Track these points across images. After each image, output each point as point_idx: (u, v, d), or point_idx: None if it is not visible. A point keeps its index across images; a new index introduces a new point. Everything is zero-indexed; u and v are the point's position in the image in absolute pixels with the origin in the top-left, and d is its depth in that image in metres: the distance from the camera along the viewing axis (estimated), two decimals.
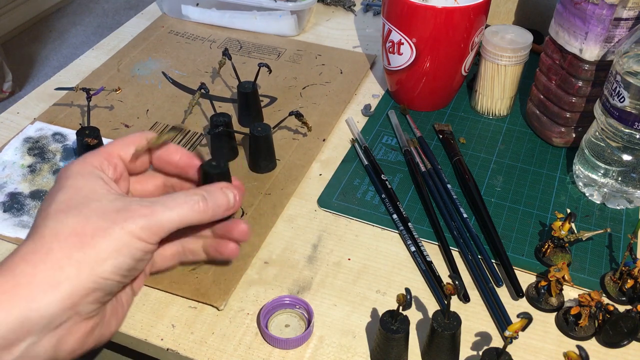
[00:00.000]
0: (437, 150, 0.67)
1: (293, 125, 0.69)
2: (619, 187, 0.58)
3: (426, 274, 0.53)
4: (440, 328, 0.44)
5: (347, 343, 0.48)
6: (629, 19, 0.55)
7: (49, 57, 2.36)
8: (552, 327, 0.50)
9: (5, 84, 2.11)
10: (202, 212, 0.42)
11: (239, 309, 0.50)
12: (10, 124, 0.70)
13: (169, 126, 0.43)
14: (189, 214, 0.41)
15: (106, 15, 2.64)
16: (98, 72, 0.79)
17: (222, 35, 0.86)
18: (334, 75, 0.78)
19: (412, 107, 0.72)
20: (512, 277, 0.52)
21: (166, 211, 0.40)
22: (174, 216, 0.40)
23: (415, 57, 0.66)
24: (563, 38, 0.61)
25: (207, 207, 0.42)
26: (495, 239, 0.55)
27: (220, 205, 0.43)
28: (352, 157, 0.66)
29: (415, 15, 0.63)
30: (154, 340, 0.48)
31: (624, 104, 0.53)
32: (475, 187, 0.60)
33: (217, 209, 0.43)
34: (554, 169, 0.64)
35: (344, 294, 0.52)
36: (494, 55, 0.66)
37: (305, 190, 0.62)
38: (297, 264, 0.54)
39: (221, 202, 0.43)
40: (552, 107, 0.65)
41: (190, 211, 0.41)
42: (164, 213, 0.40)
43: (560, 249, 0.54)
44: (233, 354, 0.47)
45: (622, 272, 0.51)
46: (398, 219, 0.57)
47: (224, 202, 0.43)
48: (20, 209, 0.59)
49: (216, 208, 0.42)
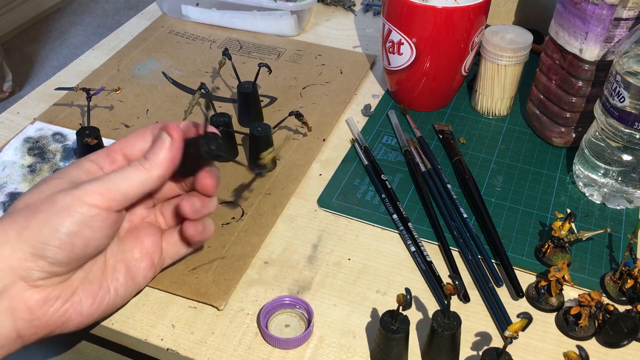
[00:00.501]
0: (437, 150, 0.67)
1: (293, 125, 0.69)
2: (619, 187, 0.58)
3: (426, 274, 0.53)
4: (440, 328, 0.44)
5: (347, 343, 0.48)
6: (629, 19, 0.55)
7: (49, 57, 2.36)
8: (552, 327, 0.50)
9: (5, 84, 2.11)
10: (148, 170, 0.43)
11: (239, 309, 0.50)
12: (10, 124, 0.70)
13: None
14: (136, 174, 0.42)
15: (106, 15, 2.64)
16: (98, 72, 0.79)
17: (222, 35, 0.86)
18: (334, 75, 0.78)
19: (412, 107, 0.72)
20: (512, 277, 0.52)
21: (116, 177, 0.42)
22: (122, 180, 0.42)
23: (415, 57, 0.66)
24: (563, 38, 0.61)
25: (149, 164, 0.43)
26: (495, 239, 0.55)
27: (158, 152, 0.43)
28: (352, 157, 0.66)
29: (415, 15, 0.63)
30: (154, 340, 0.48)
31: (624, 104, 0.53)
32: (475, 187, 0.60)
33: (157, 157, 0.43)
34: (554, 169, 0.64)
35: (344, 294, 0.52)
36: (494, 55, 0.66)
37: (305, 190, 0.62)
38: (297, 264, 0.54)
39: (158, 149, 0.43)
40: (552, 107, 0.65)
41: (136, 171, 0.42)
42: (114, 178, 0.42)
43: (560, 249, 0.54)
44: (233, 354, 0.47)
45: (622, 272, 0.51)
46: (398, 219, 0.57)
47: (161, 147, 0.43)
48: None
49: (156, 158, 0.43)
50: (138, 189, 0.43)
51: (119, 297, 0.45)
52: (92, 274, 0.44)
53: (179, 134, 0.44)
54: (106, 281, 0.44)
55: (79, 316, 0.42)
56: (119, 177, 0.42)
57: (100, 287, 0.44)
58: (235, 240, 0.56)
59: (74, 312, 0.42)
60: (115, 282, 0.45)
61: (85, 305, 0.43)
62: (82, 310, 0.43)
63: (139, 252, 0.47)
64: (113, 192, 0.41)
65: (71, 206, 0.40)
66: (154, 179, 0.43)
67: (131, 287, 0.47)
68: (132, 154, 0.46)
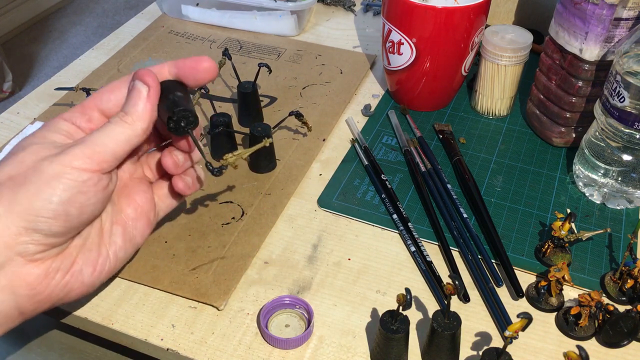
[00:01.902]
0: (437, 150, 0.67)
1: (293, 125, 0.69)
2: (619, 187, 0.58)
3: (426, 274, 0.53)
4: (440, 328, 0.44)
5: (347, 343, 0.48)
6: (629, 19, 0.55)
7: (49, 57, 2.36)
8: (552, 327, 0.50)
9: (5, 84, 2.11)
10: (130, 124, 0.41)
11: (239, 309, 0.50)
12: (10, 124, 0.70)
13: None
14: (120, 130, 0.41)
15: (106, 15, 2.64)
16: (98, 72, 0.79)
17: (222, 35, 0.86)
18: (334, 75, 0.78)
19: (412, 107, 0.72)
20: (512, 277, 0.52)
21: (101, 136, 0.40)
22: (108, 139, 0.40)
23: (415, 57, 0.66)
24: (563, 38, 0.61)
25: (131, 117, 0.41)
26: (495, 239, 0.55)
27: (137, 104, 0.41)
28: (352, 157, 0.66)
29: (415, 15, 0.63)
30: (154, 340, 0.48)
31: (624, 104, 0.53)
32: (475, 187, 0.60)
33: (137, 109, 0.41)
34: (554, 169, 0.64)
35: (344, 294, 0.52)
36: (494, 55, 0.66)
37: (305, 190, 0.62)
38: (297, 264, 0.54)
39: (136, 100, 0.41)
40: (552, 107, 0.65)
41: (119, 127, 0.41)
42: (99, 138, 0.40)
43: (560, 249, 0.54)
44: (233, 354, 0.47)
45: (622, 272, 0.51)
46: (398, 219, 0.57)
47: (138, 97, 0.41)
48: None
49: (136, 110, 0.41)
50: (125, 145, 0.41)
51: (119, 261, 0.44)
52: (89, 241, 0.42)
53: (154, 80, 0.42)
54: (104, 246, 0.43)
55: (81, 285, 0.41)
56: (104, 135, 0.40)
57: (99, 254, 0.43)
58: (235, 240, 0.56)
59: (75, 282, 0.41)
60: (114, 245, 0.44)
61: (86, 273, 0.42)
62: (84, 279, 0.41)
63: (133, 211, 0.45)
64: (101, 153, 0.40)
65: (60, 173, 0.38)
66: (139, 133, 0.41)
67: (130, 247, 0.45)
68: (108, 109, 0.43)
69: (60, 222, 0.39)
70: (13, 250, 0.38)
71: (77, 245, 0.42)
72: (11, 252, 0.38)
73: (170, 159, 0.45)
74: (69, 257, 0.41)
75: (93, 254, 0.42)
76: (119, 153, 0.41)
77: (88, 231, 0.43)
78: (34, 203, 0.38)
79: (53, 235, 0.39)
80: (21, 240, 0.38)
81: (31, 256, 0.38)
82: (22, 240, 0.38)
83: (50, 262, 0.40)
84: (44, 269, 0.39)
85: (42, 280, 0.39)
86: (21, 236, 0.38)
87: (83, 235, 0.42)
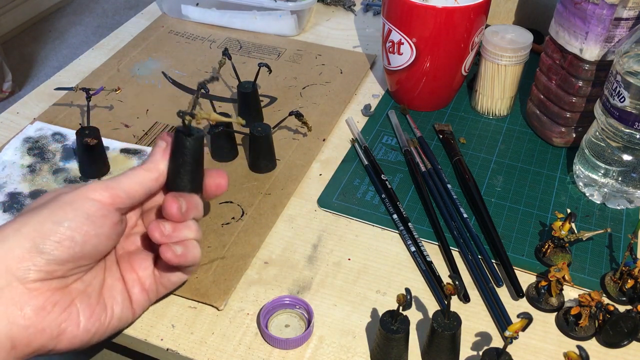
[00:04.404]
0: (437, 150, 0.67)
1: (293, 125, 0.69)
2: (619, 187, 0.58)
3: (426, 274, 0.53)
4: (440, 328, 0.44)
5: (347, 343, 0.48)
6: (629, 18, 0.55)
7: (49, 57, 2.36)
8: (552, 327, 0.49)
9: (5, 84, 2.11)
10: (146, 170, 0.45)
11: (239, 309, 0.50)
12: (10, 124, 0.70)
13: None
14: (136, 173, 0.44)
15: (106, 15, 2.64)
16: (98, 72, 0.79)
17: (222, 35, 0.86)
18: (334, 75, 0.78)
19: (412, 107, 0.72)
20: (512, 277, 0.52)
21: (119, 177, 0.44)
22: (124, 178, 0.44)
23: (415, 57, 0.66)
24: (563, 38, 0.61)
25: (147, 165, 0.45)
26: (495, 239, 0.55)
27: (155, 154, 0.46)
28: (352, 157, 0.66)
29: (415, 15, 0.63)
30: (154, 340, 0.48)
31: (624, 104, 0.53)
32: (475, 187, 0.60)
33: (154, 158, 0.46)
34: (554, 169, 0.64)
35: (344, 294, 0.52)
36: (494, 55, 0.66)
37: (305, 190, 0.62)
38: (297, 264, 0.54)
39: (154, 152, 0.46)
40: (552, 107, 0.65)
41: (135, 171, 0.44)
42: (116, 178, 0.44)
43: (560, 249, 0.54)
44: (233, 354, 0.47)
45: (622, 272, 0.51)
46: (398, 219, 0.57)
47: (157, 150, 0.46)
48: (20, 209, 0.59)
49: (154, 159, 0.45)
50: (139, 187, 0.44)
51: (114, 319, 0.44)
52: (90, 288, 0.43)
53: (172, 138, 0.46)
54: (103, 298, 0.44)
55: (75, 328, 0.41)
56: (121, 176, 0.44)
57: (97, 302, 0.43)
58: (235, 240, 0.56)
59: (70, 323, 0.41)
60: (112, 300, 0.44)
61: (83, 317, 0.42)
62: (79, 322, 0.41)
63: (132, 279, 0.46)
64: (116, 189, 0.43)
65: (75, 201, 0.41)
66: (153, 177, 0.45)
67: (127, 310, 0.45)
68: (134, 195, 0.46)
69: (64, 247, 0.40)
70: (13, 275, 0.39)
71: (78, 289, 0.42)
72: (11, 277, 0.39)
73: (157, 228, 0.44)
74: (68, 295, 0.41)
75: (92, 300, 0.43)
76: (131, 192, 0.44)
77: (90, 278, 0.44)
78: (44, 225, 0.40)
79: (54, 262, 0.40)
80: (23, 265, 0.39)
81: (31, 283, 0.39)
82: (24, 265, 0.39)
83: (49, 294, 0.40)
84: (42, 301, 0.40)
85: (39, 312, 0.39)
86: (24, 260, 0.39)
87: (85, 281, 0.43)
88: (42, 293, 0.40)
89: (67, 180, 0.62)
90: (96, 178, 0.62)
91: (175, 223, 0.45)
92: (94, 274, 0.44)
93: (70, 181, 0.62)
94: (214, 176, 0.48)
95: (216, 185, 0.49)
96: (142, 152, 0.66)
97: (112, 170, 0.63)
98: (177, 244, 0.45)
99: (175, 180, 0.46)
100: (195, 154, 0.46)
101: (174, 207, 0.44)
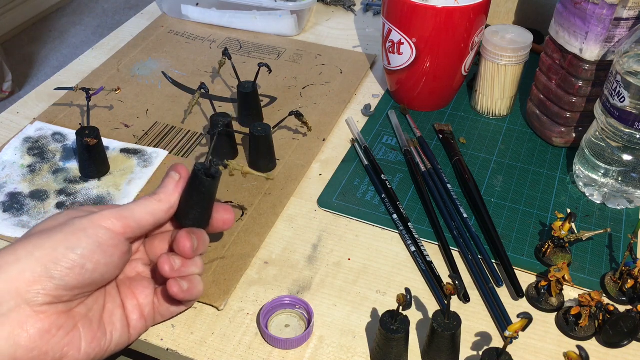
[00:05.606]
0: (437, 150, 0.67)
1: (293, 125, 0.69)
2: (619, 187, 0.58)
3: (426, 274, 0.53)
4: (440, 328, 0.44)
5: (347, 343, 0.48)
6: (629, 18, 0.55)
7: (49, 57, 2.36)
8: (552, 327, 0.49)
9: (5, 84, 2.11)
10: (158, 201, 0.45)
11: (239, 309, 0.50)
12: (10, 124, 0.70)
13: None
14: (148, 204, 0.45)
15: (106, 15, 2.64)
16: (98, 72, 0.79)
17: (222, 35, 0.86)
18: (334, 75, 0.78)
19: (412, 107, 0.72)
20: (512, 277, 0.52)
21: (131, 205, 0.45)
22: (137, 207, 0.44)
23: (415, 57, 0.66)
24: (563, 38, 0.61)
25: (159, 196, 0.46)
26: (495, 239, 0.55)
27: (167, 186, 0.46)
28: (352, 157, 0.66)
29: (415, 15, 0.63)
30: (154, 340, 0.48)
31: (624, 103, 0.53)
32: (475, 187, 0.60)
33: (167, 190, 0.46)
34: (554, 169, 0.64)
35: (344, 294, 0.52)
36: (494, 55, 0.66)
37: (305, 190, 0.62)
38: (297, 264, 0.54)
39: (167, 183, 0.46)
40: (552, 107, 0.65)
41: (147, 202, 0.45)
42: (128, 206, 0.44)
43: (560, 249, 0.54)
44: (233, 354, 0.47)
45: (622, 272, 0.51)
46: (398, 219, 0.57)
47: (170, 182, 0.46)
48: (20, 209, 0.59)
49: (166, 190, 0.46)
50: (150, 217, 0.45)
51: (112, 344, 0.44)
52: (92, 313, 0.43)
53: (185, 172, 0.47)
54: (103, 323, 0.44)
55: (77, 352, 0.42)
56: (133, 205, 0.45)
57: (98, 327, 0.44)
58: (235, 240, 0.56)
59: (72, 347, 0.41)
60: (112, 326, 0.45)
61: (85, 341, 0.42)
62: (81, 347, 0.42)
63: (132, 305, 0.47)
64: (128, 218, 0.43)
65: (88, 228, 0.42)
66: (164, 209, 0.46)
67: (125, 336, 0.46)
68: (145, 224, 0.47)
69: (74, 274, 0.40)
70: (22, 298, 0.39)
71: (81, 313, 0.43)
72: (20, 300, 0.39)
73: (167, 262, 0.46)
74: (72, 319, 0.42)
75: (94, 325, 0.43)
76: (142, 222, 0.44)
77: (92, 303, 0.44)
78: (57, 249, 0.40)
79: (64, 288, 0.40)
80: (33, 289, 0.39)
81: (38, 307, 0.39)
82: (34, 289, 0.39)
83: (54, 318, 0.40)
84: (48, 324, 0.40)
85: (44, 335, 0.40)
86: (34, 284, 0.39)
87: (87, 305, 0.43)
88: (49, 316, 0.40)
89: (67, 181, 0.62)
90: (96, 178, 0.62)
91: (184, 259, 0.46)
92: (95, 298, 0.44)
93: (70, 181, 0.62)
94: (221, 212, 0.49)
95: (223, 221, 0.49)
96: (142, 152, 0.66)
97: (112, 170, 0.63)
98: (183, 279, 0.46)
99: (188, 215, 0.47)
100: (210, 193, 0.47)
101: (187, 245, 0.46)
